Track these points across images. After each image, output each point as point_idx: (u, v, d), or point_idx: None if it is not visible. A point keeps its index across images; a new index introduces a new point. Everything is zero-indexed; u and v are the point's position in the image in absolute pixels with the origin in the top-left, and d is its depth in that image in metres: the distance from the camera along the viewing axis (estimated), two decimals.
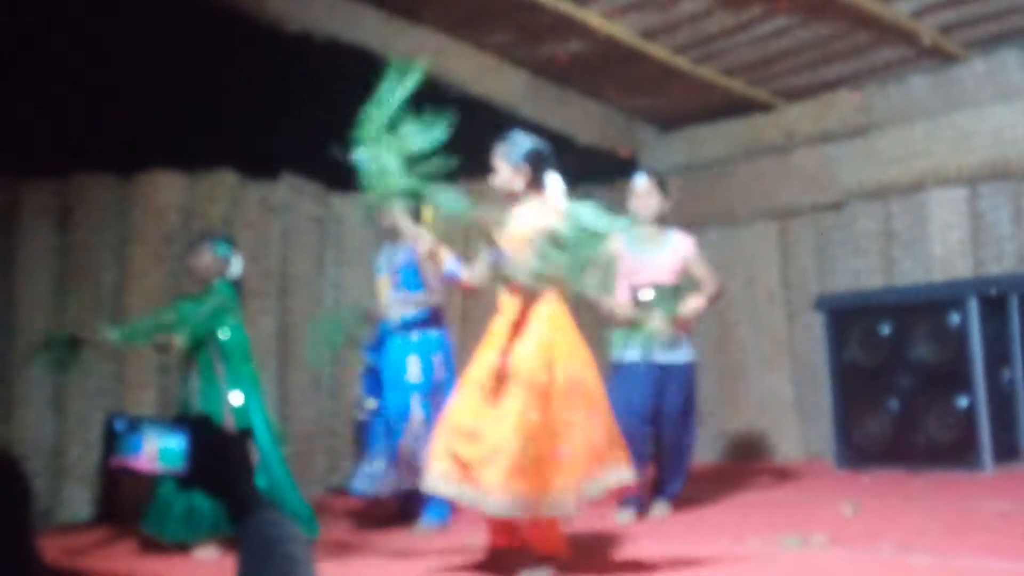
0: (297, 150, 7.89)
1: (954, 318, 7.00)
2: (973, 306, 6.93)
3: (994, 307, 7.01)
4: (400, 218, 4.93)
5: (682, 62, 8.38)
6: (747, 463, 8.36)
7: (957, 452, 6.92)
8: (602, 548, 4.91)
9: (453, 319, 7.58)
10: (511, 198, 4.72)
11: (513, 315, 4.40)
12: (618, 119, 9.66)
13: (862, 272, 8.24)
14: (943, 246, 7.75)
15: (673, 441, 6.03)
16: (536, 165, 4.67)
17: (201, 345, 5.62)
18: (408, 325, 6.04)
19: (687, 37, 8.05)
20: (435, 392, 5.85)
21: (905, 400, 7.19)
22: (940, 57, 7.84)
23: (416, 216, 6.07)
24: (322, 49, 7.77)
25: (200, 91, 7.19)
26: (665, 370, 6.01)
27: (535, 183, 4.65)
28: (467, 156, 8.59)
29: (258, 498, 2.01)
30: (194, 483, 2.03)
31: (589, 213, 4.19)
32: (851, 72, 8.29)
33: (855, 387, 7.43)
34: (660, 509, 6.01)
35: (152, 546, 5.40)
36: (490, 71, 8.74)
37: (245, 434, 2.15)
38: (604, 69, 8.69)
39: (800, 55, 8.16)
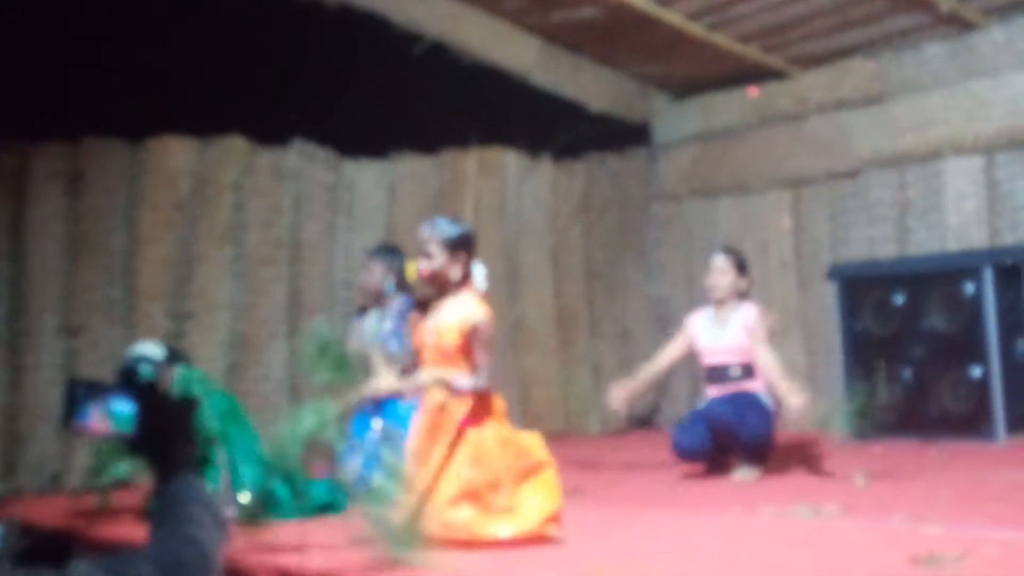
0: (308, 116, 7.86)
1: (968, 288, 6.96)
2: (988, 276, 6.88)
3: (1009, 277, 6.96)
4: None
5: (696, 28, 8.31)
6: None
7: (970, 422, 6.90)
8: (613, 515, 4.90)
9: None
10: (440, 286, 4.48)
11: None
12: (631, 86, 9.60)
13: (876, 241, 8.19)
14: (958, 215, 7.69)
15: (741, 435, 6.00)
16: (470, 252, 4.49)
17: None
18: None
19: (701, 3, 7.99)
20: None
21: (918, 370, 7.16)
22: (957, 24, 7.75)
23: (402, 275, 5.95)
24: (334, 14, 7.74)
25: (211, 56, 7.16)
26: (732, 398, 6.15)
27: (467, 272, 4.47)
28: (480, 122, 8.59)
29: (188, 465, 2.10)
30: (140, 447, 2.12)
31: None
32: (866, 39, 8.21)
33: (868, 357, 7.40)
34: (743, 473, 5.99)
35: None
36: (502, 37, 8.70)
37: (190, 403, 2.22)
38: (617, 35, 8.63)
39: (815, 22, 8.09)
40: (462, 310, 4.38)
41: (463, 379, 4.34)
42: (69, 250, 7.37)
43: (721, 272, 6.28)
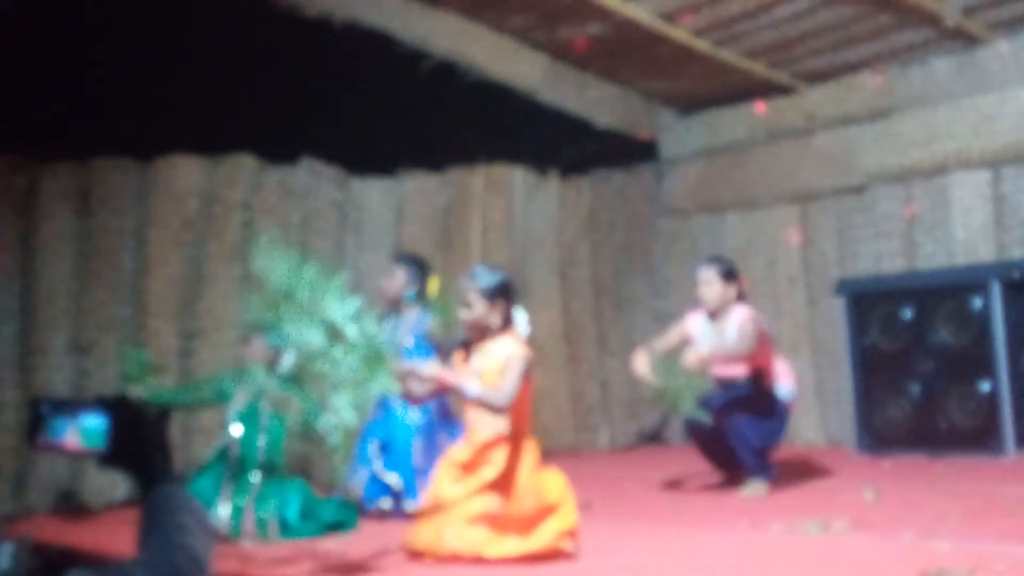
0: (316, 134, 7.89)
1: (976, 302, 6.96)
2: (996, 290, 6.88)
3: (1017, 291, 6.95)
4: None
5: (702, 44, 8.33)
6: None
7: (979, 437, 6.89)
8: (623, 531, 4.90)
9: None
10: (481, 333, 4.58)
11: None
12: (637, 102, 9.63)
13: (884, 256, 8.19)
14: (965, 229, 7.69)
15: (734, 434, 6.00)
16: (509, 299, 4.60)
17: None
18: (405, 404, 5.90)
19: (707, 19, 8.00)
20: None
21: (926, 385, 7.16)
22: (963, 39, 7.77)
23: (423, 288, 5.99)
24: (341, 32, 7.77)
25: (219, 75, 7.19)
26: (732, 385, 6.20)
27: (507, 318, 4.58)
28: (486, 139, 8.61)
29: (168, 474, 2.13)
30: (112, 461, 2.12)
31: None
32: (873, 54, 8.23)
33: (876, 372, 7.40)
34: (752, 489, 6.01)
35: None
36: (509, 54, 8.73)
37: (163, 414, 2.22)
38: (623, 52, 8.65)
39: (821, 37, 8.11)
40: (501, 353, 4.45)
41: (473, 386, 4.38)
42: (79, 269, 7.39)
43: (707, 284, 6.29)
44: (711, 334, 6.31)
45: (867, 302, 7.50)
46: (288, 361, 5.60)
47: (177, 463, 2.21)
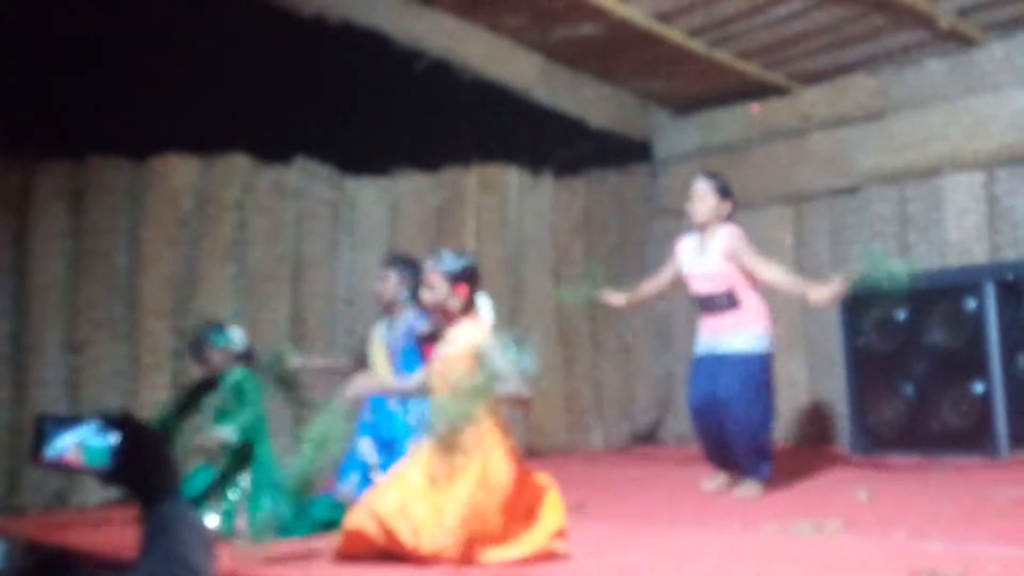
0: (310, 133, 7.89)
1: (970, 303, 6.96)
2: (989, 291, 6.89)
3: (1010, 292, 6.96)
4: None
5: (697, 45, 8.34)
6: None
7: (972, 438, 6.89)
8: (616, 531, 4.90)
9: None
10: (443, 316, 4.61)
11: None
12: (632, 103, 9.63)
13: None
14: (959, 231, 7.70)
15: (735, 426, 6.01)
16: (472, 284, 4.61)
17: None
18: (405, 401, 5.91)
19: (702, 20, 8.01)
20: None
21: (920, 386, 7.16)
22: (957, 40, 7.78)
23: (415, 289, 6.00)
24: (335, 32, 7.76)
25: (213, 74, 7.19)
26: (721, 359, 6.13)
27: (470, 302, 4.59)
28: (481, 139, 8.61)
29: (169, 490, 2.14)
30: (115, 478, 2.13)
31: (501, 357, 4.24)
32: (867, 55, 8.24)
33: (870, 373, 7.41)
34: (745, 489, 6.01)
35: None
36: (503, 54, 8.73)
37: (166, 431, 2.27)
38: (618, 52, 8.66)
39: (816, 38, 8.11)
40: (464, 338, 4.46)
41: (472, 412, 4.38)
42: (73, 267, 7.38)
43: (700, 198, 6.27)
44: (695, 255, 6.30)
45: (861, 303, 7.50)
46: (239, 341, 5.67)
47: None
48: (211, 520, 5.26)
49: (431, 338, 4.74)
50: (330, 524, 5.18)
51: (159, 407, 6.14)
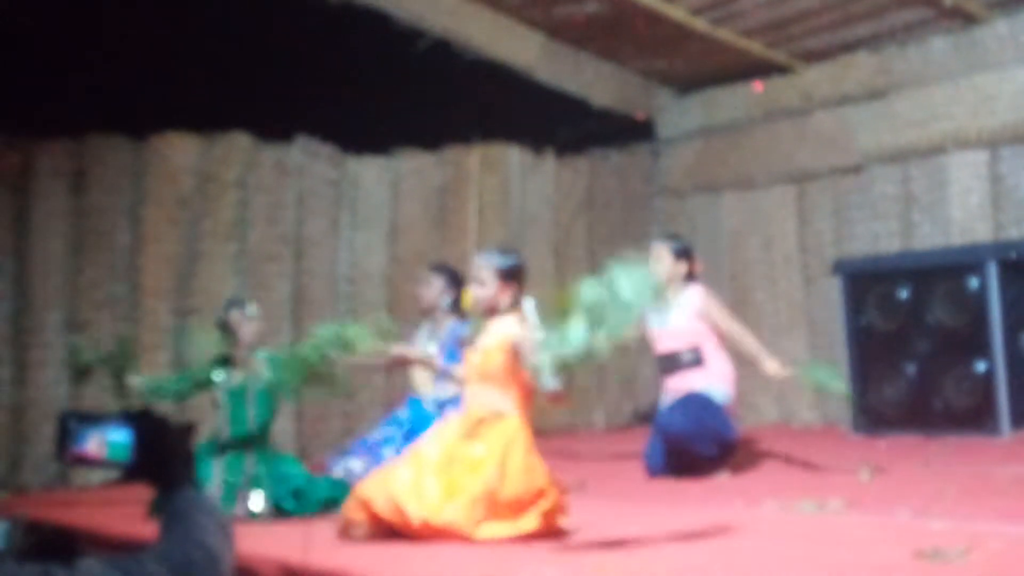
0: (312, 112, 7.87)
1: (973, 282, 6.94)
2: (992, 270, 6.87)
3: (1013, 271, 6.94)
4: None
5: (700, 23, 8.31)
6: (763, 428, 8.34)
7: (974, 417, 6.88)
8: (618, 509, 4.90)
9: None
10: (490, 312, 4.58)
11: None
12: (634, 81, 9.60)
13: (880, 236, 8.18)
14: (962, 209, 7.68)
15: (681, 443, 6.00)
16: (520, 283, 4.59)
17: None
18: (442, 405, 5.97)
19: None
20: None
21: (922, 365, 7.15)
22: (961, 18, 7.74)
23: (457, 301, 6.04)
24: (337, 11, 7.73)
25: (214, 53, 7.16)
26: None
27: (517, 300, 4.57)
28: (483, 118, 8.58)
29: (189, 481, 2.18)
30: (137, 473, 2.18)
31: (628, 283, 4.20)
32: (870, 34, 8.20)
33: (872, 352, 7.39)
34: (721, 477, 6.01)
35: None
36: (505, 33, 8.69)
37: (187, 427, 2.27)
38: (620, 31, 8.61)
39: (819, 16, 8.08)
40: (504, 331, 4.45)
41: (504, 404, 4.39)
42: (73, 247, 7.38)
43: (656, 259, 6.29)
44: (659, 314, 6.29)
45: (863, 282, 7.48)
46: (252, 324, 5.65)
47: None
48: (255, 501, 5.26)
49: (472, 342, 4.75)
50: (331, 503, 5.18)
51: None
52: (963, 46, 7.83)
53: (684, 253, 6.33)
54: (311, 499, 5.24)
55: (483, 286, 4.56)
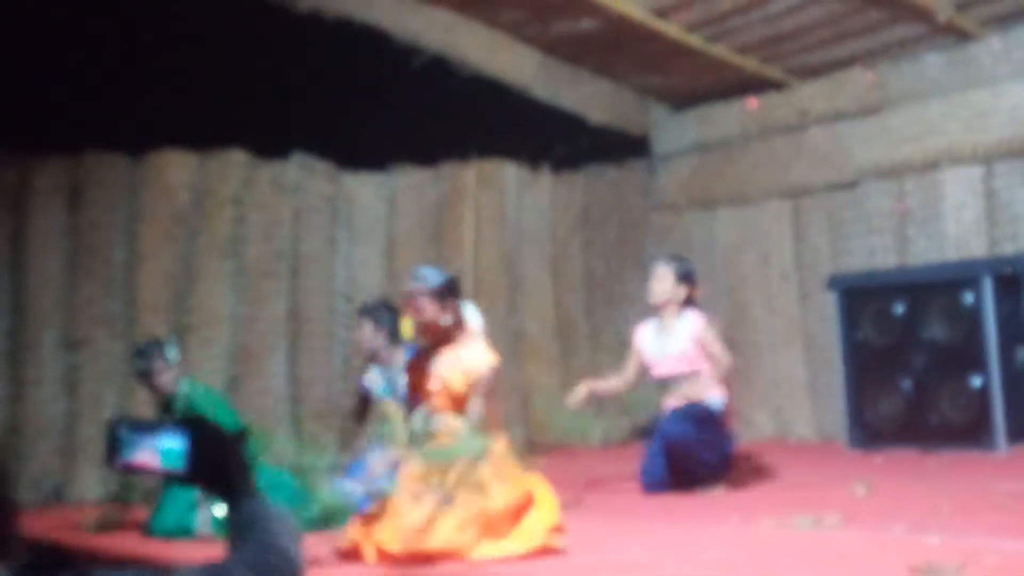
0: (308, 128, 7.88)
1: (968, 297, 6.96)
2: (987, 285, 6.88)
3: (1008, 286, 6.96)
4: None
5: (695, 40, 8.33)
6: (759, 443, 8.34)
7: (970, 432, 6.89)
8: (614, 526, 4.90)
9: None
10: (435, 335, 4.58)
11: None
12: (630, 98, 9.62)
13: (876, 251, 8.20)
14: (957, 225, 7.70)
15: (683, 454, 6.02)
16: (457, 296, 4.59)
17: None
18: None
19: (700, 15, 8.00)
20: None
21: (918, 380, 7.16)
22: (955, 34, 7.77)
23: (395, 331, 6.00)
24: (333, 28, 7.75)
25: (210, 70, 7.17)
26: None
27: (458, 316, 4.57)
28: (479, 134, 8.59)
29: (251, 489, 2.18)
30: (194, 481, 2.19)
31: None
32: (865, 50, 8.23)
33: (868, 367, 7.40)
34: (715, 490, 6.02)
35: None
36: (501, 49, 8.72)
37: (240, 434, 2.29)
38: (616, 47, 8.64)
39: (813, 33, 8.11)
40: (469, 359, 4.45)
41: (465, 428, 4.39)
42: (70, 264, 7.38)
43: (658, 279, 6.31)
44: (658, 338, 6.30)
45: (859, 297, 7.50)
46: (174, 356, 5.65)
47: None
48: (203, 517, 5.26)
49: (418, 356, 4.70)
50: (327, 520, 5.17)
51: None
52: (958, 62, 7.86)
53: (687, 277, 6.34)
54: (306, 516, 5.23)
55: (422, 312, 4.53)
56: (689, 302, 6.31)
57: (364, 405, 6.23)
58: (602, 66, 9.15)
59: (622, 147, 9.71)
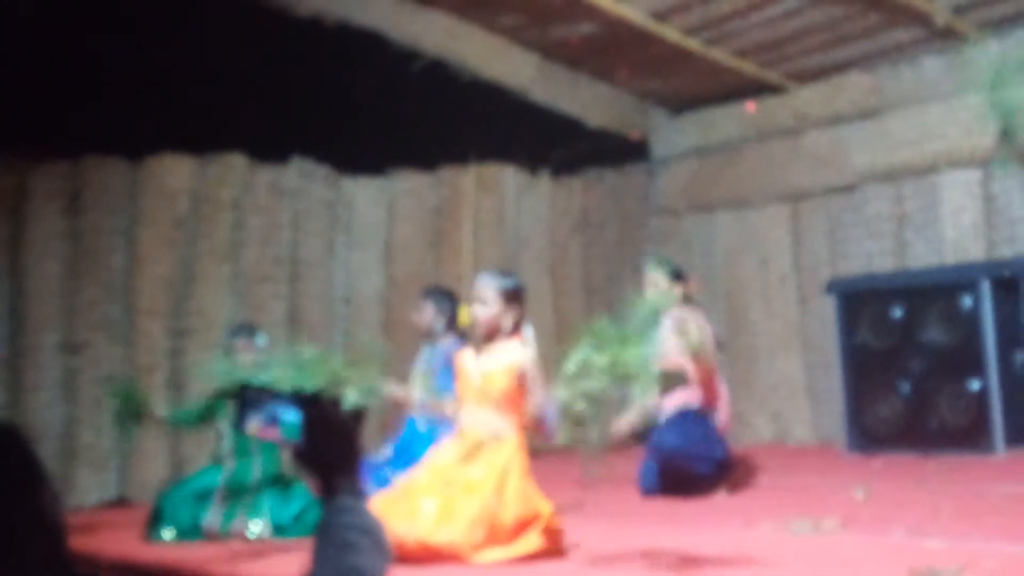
0: (307, 133, 7.89)
1: (966, 301, 6.96)
2: (985, 289, 6.89)
3: (1006, 289, 6.96)
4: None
5: (693, 44, 8.34)
6: (758, 447, 8.34)
7: (969, 435, 6.89)
8: (615, 530, 4.91)
9: None
10: (492, 333, 4.59)
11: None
12: (629, 102, 9.63)
13: (874, 255, 8.20)
14: (955, 228, 7.71)
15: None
16: (521, 306, 4.61)
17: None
18: (435, 426, 6.00)
19: (698, 18, 8.00)
20: None
21: (917, 383, 7.16)
22: (953, 38, 7.78)
23: (453, 317, 6.07)
24: (332, 32, 7.75)
25: (209, 74, 7.18)
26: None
27: (518, 323, 4.59)
28: (478, 139, 8.60)
29: (351, 485, 2.01)
30: (303, 458, 2.04)
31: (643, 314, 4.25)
32: (863, 54, 8.24)
33: (867, 370, 7.41)
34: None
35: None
36: (500, 54, 8.72)
37: (357, 416, 2.13)
38: (615, 51, 8.65)
39: (812, 37, 8.12)
40: (509, 356, 4.47)
41: (503, 427, 4.40)
42: (69, 269, 7.38)
43: (652, 285, 6.33)
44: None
45: (858, 301, 7.51)
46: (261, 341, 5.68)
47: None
48: (255, 525, 5.28)
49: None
50: None
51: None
52: (955, 66, 7.87)
53: (677, 275, 6.36)
54: (311, 522, 5.25)
55: (486, 306, 4.57)
56: (687, 299, 6.31)
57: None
58: (601, 70, 9.16)
59: (621, 151, 9.72)
